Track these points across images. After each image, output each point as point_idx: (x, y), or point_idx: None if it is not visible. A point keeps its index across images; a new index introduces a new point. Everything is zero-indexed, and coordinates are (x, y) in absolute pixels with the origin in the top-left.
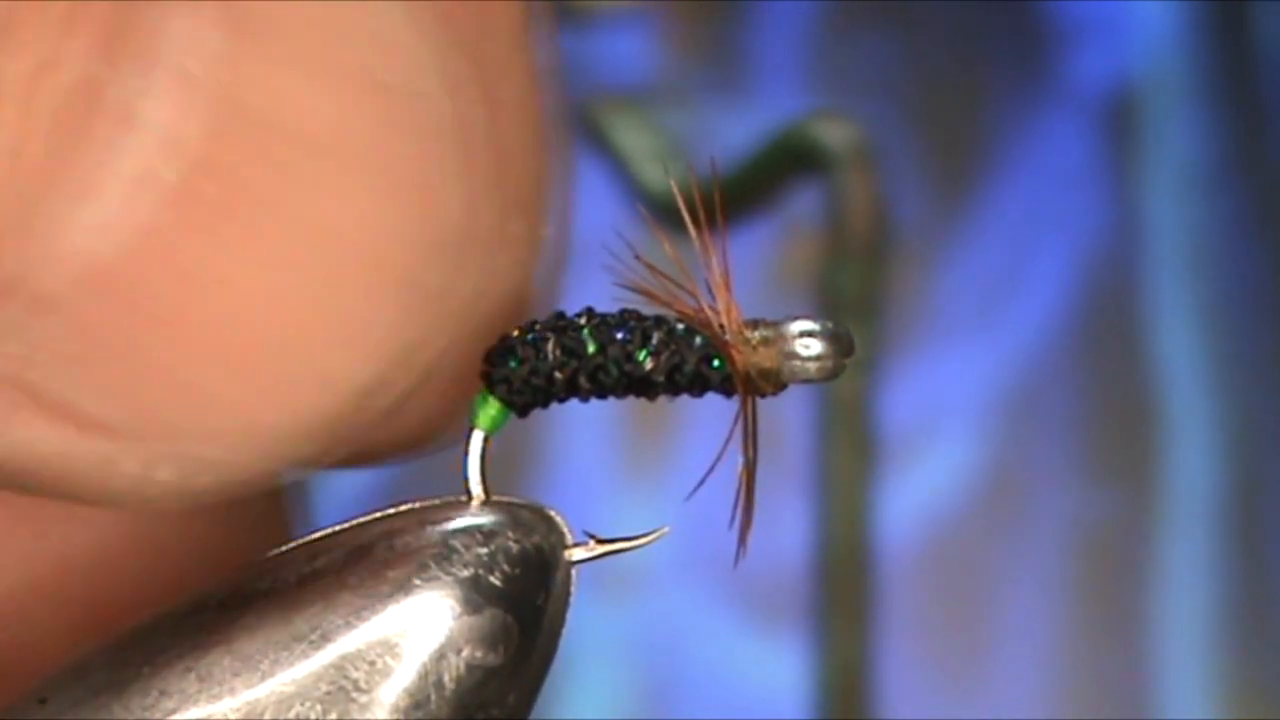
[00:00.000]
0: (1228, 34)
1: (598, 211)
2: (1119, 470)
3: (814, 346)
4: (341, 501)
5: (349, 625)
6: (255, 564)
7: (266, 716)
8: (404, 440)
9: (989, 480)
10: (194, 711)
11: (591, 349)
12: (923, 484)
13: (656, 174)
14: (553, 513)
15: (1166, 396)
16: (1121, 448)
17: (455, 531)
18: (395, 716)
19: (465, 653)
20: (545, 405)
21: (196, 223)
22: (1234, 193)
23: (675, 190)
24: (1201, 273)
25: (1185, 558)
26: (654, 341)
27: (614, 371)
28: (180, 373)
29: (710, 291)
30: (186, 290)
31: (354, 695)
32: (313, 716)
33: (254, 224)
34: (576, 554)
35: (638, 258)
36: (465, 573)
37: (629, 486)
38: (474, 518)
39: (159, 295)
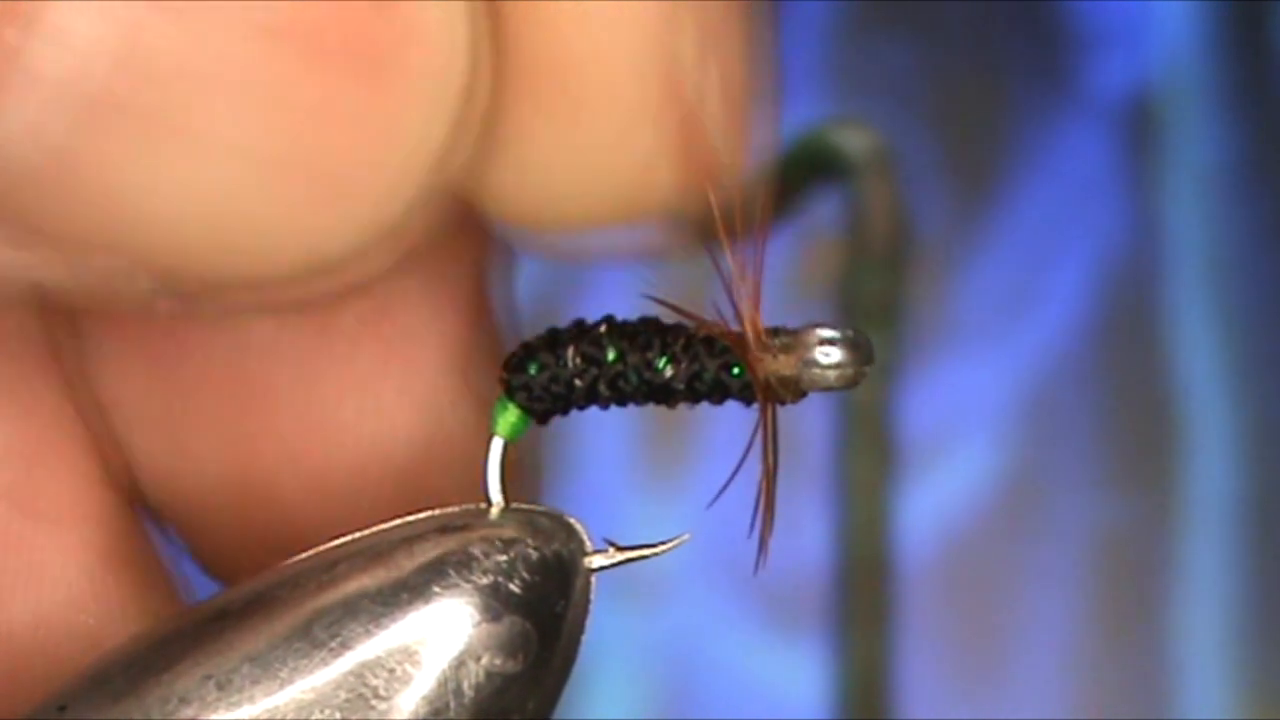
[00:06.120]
0: (1248, 40)
1: None
2: (1139, 476)
3: (834, 354)
4: None
5: (368, 633)
6: (275, 571)
7: None
8: None
9: (1009, 486)
10: (213, 718)
11: (611, 356)
12: (943, 490)
13: None
14: (572, 520)
15: (1186, 402)
16: (1141, 454)
17: (475, 538)
18: None
19: (485, 660)
20: (565, 412)
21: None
22: (1254, 198)
23: (711, 198)
24: (1222, 278)
25: (1205, 563)
26: (674, 349)
27: (634, 379)
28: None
29: (731, 299)
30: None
31: (373, 703)
32: None
33: None
34: (596, 561)
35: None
36: (485, 580)
37: (649, 494)
38: (494, 525)
39: None
